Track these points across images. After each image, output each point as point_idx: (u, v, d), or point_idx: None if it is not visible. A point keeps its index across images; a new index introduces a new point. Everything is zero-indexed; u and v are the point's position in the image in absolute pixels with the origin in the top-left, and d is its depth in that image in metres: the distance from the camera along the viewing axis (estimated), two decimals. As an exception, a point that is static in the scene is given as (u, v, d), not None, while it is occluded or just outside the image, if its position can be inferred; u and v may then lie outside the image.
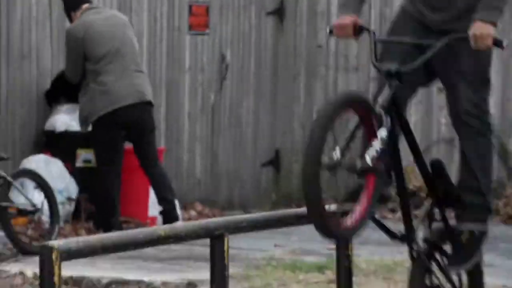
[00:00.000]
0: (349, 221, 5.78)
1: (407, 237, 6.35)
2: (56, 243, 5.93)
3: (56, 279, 5.74)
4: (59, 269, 5.76)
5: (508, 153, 15.47)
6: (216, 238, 5.94)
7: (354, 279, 7.40)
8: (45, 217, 12.41)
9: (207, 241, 5.88)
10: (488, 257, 12.10)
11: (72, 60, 13.15)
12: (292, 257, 11.38)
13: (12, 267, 10.84)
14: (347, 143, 5.94)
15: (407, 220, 6.22)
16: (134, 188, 13.54)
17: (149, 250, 7.31)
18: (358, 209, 5.87)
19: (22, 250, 11.68)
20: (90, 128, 13.16)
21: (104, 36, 12.99)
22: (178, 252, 10.60)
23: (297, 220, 8.28)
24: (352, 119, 5.97)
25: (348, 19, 6.46)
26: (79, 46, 12.99)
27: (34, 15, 14.42)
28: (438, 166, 6.42)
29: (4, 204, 11.99)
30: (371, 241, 12.32)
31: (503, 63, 15.53)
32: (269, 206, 15.42)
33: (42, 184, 12.38)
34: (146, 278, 10.04)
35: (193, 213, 14.68)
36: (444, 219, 6.47)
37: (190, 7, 15.74)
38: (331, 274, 7.49)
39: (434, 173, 6.46)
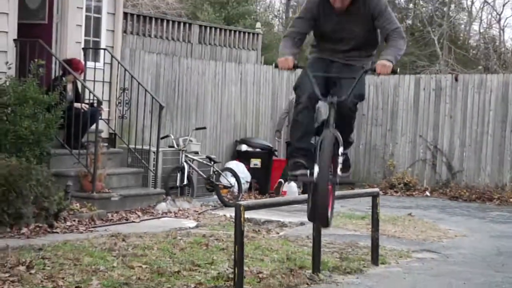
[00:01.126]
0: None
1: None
2: (242, 202, 5.96)
3: (241, 219, 5.77)
4: (243, 214, 5.79)
5: (452, 166, 15.09)
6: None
7: (379, 223, 7.34)
8: (235, 189, 12.43)
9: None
10: (441, 215, 11.92)
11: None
12: (349, 212, 11.28)
13: (220, 212, 10.85)
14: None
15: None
16: (277, 178, 13.56)
17: (283, 207, 7.29)
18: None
19: (225, 205, 11.71)
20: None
21: None
22: (297, 208, 10.53)
23: (353, 196, 8.23)
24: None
25: (289, 57, 5.29)
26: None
27: (233, 97, 14.53)
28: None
29: (217, 182, 12.07)
30: (386, 206, 12.19)
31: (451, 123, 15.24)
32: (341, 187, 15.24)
33: (234, 174, 12.41)
34: (281, 219, 10.00)
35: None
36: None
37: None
38: (368, 221, 7.35)
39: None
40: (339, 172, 5.13)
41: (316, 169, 5.04)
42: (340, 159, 5.07)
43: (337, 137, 5.13)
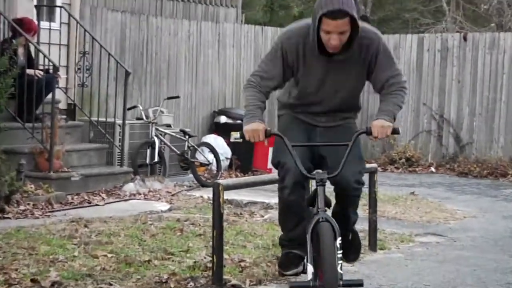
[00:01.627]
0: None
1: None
2: (221, 181, 5.97)
3: (220, 200, 5.78)
4: (222, 195, 5.80)
5: (460, 138, 15.18)
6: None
7: (377, 204, 7.39)
8: (214, 167, 12.45)
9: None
10: (448, 194, 12.00)
11: None
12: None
13: (196, 193, 10.86)
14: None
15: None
16: (261, 153, 13.56)
17: (268, 186, 7.29)
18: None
19: (202, 184, 11.71)
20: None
21: None
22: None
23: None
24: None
25: (260, 125, 4.65)
26: None
27: (210, 61, 14.49)
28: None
29: (193, 159, 12.07)
30: (385, 184, 12.26)
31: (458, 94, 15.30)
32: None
33: (212, 150, 12.43)
34: (266, 200, 9.99)
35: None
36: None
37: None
38: (365, 201, 7.39)
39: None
40: (339, 269, 4.41)
41: (310, 269, 4.50)
42: (339, 253, 4.45)
43: (333, 225, 4.48)
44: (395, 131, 4.65)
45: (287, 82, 4.98)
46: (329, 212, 4.80)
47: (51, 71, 10.44)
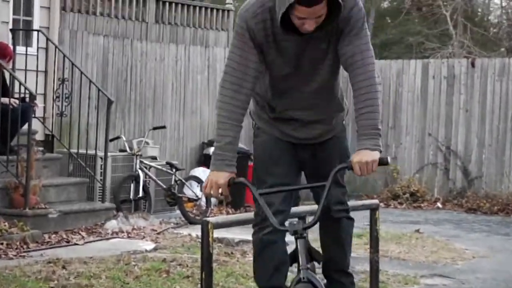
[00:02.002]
0: None
1: None
2: (210, 218, 5.95)
3: (210, 239, 5.77)
4: (212, 233, 5.78)
5: (469, 171, 15.21)
6: (300, 218, 5.90)
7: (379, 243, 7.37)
8: (203, 203, 12.43)
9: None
10: (455, 232, 12.00)
11: None
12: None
13: (184, 231, 10.85)
14: None
15: None
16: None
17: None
18: None
19: (190, 222, 11.71)
20: None
21: None
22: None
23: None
24: None
25: (223, 177, 4.22)
26: None
27: (199, 88, 14.53)
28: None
29: (180, 194, 12.06)
30: (388, 221, 12.23)
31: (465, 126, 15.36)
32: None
33: (201, 184, 12.44)
34: (259, 239, 9.99)
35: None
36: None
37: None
38: (366, 240, 7.39)
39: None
40: None
41: None
42: None
43: (317, 286, 4.15)
44: (382, 162, 4.07)
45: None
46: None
47: (27, 99, 10.45)
